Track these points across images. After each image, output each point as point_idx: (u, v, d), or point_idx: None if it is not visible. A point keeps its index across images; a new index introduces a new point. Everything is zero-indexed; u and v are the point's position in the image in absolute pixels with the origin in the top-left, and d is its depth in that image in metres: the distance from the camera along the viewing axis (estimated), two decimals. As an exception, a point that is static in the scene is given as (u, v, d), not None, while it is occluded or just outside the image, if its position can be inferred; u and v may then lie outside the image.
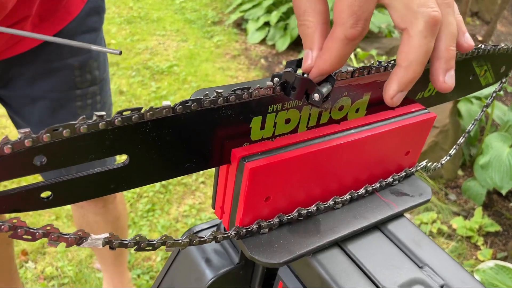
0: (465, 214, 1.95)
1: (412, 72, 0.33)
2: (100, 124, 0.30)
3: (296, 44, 3.06)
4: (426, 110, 0.49)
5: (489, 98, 0.59)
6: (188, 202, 1.78)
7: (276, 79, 0.38)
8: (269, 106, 0.38)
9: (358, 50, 2.96)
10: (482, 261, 1.70)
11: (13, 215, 0.30)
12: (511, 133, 1.97)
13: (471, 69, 0.52)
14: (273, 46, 3.11)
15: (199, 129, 0.35)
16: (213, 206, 0.44)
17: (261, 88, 0.36)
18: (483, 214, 1.91)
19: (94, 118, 0.30)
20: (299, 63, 0.40)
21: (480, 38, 3.10)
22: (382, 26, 3.09)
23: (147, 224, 1.66)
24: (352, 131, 0.44)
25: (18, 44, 0.73)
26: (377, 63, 0.43)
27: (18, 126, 0.87)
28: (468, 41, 0.38)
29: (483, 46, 0.50)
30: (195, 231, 0.59)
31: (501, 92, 2.37)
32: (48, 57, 0.78)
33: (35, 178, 1.56)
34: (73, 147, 0.30)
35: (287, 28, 3.09)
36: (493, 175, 1.80)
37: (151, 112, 0.31)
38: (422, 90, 0.49)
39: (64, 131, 0.29)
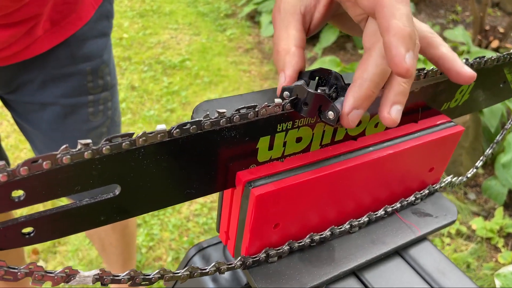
0: (485, 214, 1.88)
1: (365, 89, 0.31)
2: (86, 153, 0.26)
3: (311, 37, 2.99)
4: (452, 123, 0.44)
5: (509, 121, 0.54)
6: (199, 200, 1.75)
7: (286, 93, 0.34)
8: (278, 125, 0.34)
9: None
10: (503, 264, 1.64)
11: (-10, 254, 0.27)
12: (535, 130, 1.89)
13: (502, 75, 0.48)
14: (287, 39, 3.05)
15: (199, 153, 0.31)
16: (218, 230, 0.41)
17: (269, 106, 0.32)
18: (504, 214, 1.84)
19: (79, 146, 0.26)
20: (312, 75, 0.36)
21: (501, 30, 2.99)
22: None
23: (158, 223, 1.64)
24: (371, 148, 0.40)
25: (29, 47, 0.70)
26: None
27: (25, 132, 0.84)
28: (468, 70, 0.36)
29: (516, 51, 0.46)
30: (202, 247, 0.55)
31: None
32: (59, 62, 0.75)
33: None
34: (55, 179, 0.26)
35: (301, 21, 3.02)
36: (515, 174, 1.73)
37: (143, 138, 0.28)
38: (448, 101, 0.45)
39: (44, 163, 0.25)
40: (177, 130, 0.29)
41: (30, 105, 0.77)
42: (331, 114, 0.32)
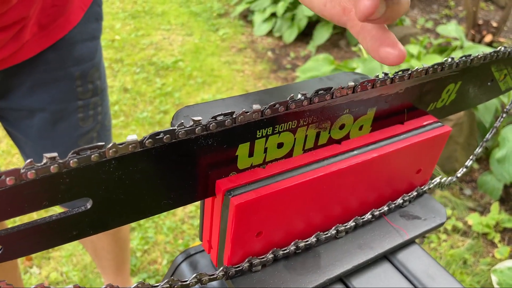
0: (481, 210, 1.88)
1: None
2: (52, 167, 0.25)
3: (304, 35, 2.98)
4: (439, 124, 0.43)
5: (509, 103, 0.53)
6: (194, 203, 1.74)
7: None
8: (258, 131, 0.33)
9: (368, 40, 2.87)
10: (499, 259, 1.64)
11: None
12: (529, 124, 1.89)
13: (489, 74, 0.47)
14: (280, 38, 3.04)
15: (175, 162, 0.30)
16: (201, 239, 0.40)
17: (247, 112, 0.31)
18: (500, 209, 1.84)
19: (45, 161, 0.25)
20: None
21: (494, 24, 2.99)
22: (392, 14, 3.00)
23: (152, 226, 1.63)
24: (355, 152, 0.39)
25: (17, 52, 0.69)
26: (383, 74, 0.37)
27: (15, 140, 0.83)
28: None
29: (502, 48, 0.45)
30: (190, 253, 0.54)
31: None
32: (48, 67, 0.74)
33: None
34: (20, 195, 0.25)
35: (294, 19, 3.01)
36: (510, 169, 1.73)
37: (114, 150, 0.27)
38: (434, 101, 0.44)
39: (8, 179, 0.24)
40: (150, 140, 0.28)
41: (18, 112, 0.76)
42: None
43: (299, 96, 0.33)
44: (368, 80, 0.36)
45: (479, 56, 0.43)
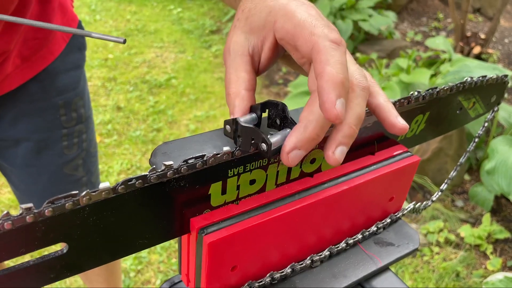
0: (473, 221, 1.89)
1: (310, 132, 0.32)
2: (28, 217, 0.27)
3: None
4: (408, 153, 0.45)
5: (480, 129, 0.55)
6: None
7: (227, 126, 0.36)
8: (229, 171, 0.35)
9: (358, 54, 2.92)
10: (492, 271, 1.65)
11: None
12: (517, 135, 1.92)
13: (457, 103, 0.49)
14: (272, 53, 3.07)
15: (148, 205, 0.32)
16: (180, 272, 0.41)
17: (217, 155, 0.33)
18: (492, 220, 1.86)
19: (20, 211, 0.26)
20: (263, 107, 0.37)
21: (483, 36, 3.04)
22: (381, 28, 3.05)
23: (146, 245, 1.63)
24: (327, 185, 0.40)
25: (0, 85, 0.70)
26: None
27: (1, 168, 0.84)
28: (401, 122, 0.36)
29: (468, 79, 0.47)
30: (174, 282, 0.55)
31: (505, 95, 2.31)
32: (31, 97, 0.75)
33: None
34: (-2, 244, 0.27)
35: (285, 35, 3.05)
36: (500, 180, 1.75)
37: (87, 197, 0.28)
38: (404, 131, 0.46)
39: (-15, 230, 0.26)
40: (122, 186, 0.29)
41: (3, 142, 0.77)
42: (263, 146, 0.33)
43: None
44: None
45: (445, 88, 0.45)
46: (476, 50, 2.93)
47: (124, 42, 0.38)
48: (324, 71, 0.30)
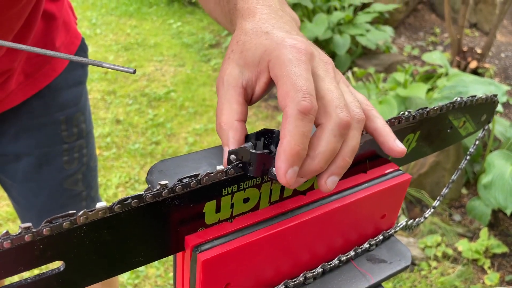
0: (471, 235, 1.90)
1: (317, 163, 0.33)
2: (26, 236, 0.27)
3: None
4: (400, 171, 0.46)
5: (471, 147, 0.56)
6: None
7: (232, 156, 0.36)
8: (223, 189, 0.36)
9: (356, 69, 2.94)
10: (489, 286, 1.65)
11: None
12: (514, 149, 1.93)
13: (447, 122, 0.50)
14: (271, 67, 3.10)
15: (144, 223, 0.33)
16: (175, 289, 0.42)
17: (211, 173, 0.34)
18: (489, 235, 1.86)
19: (19, 231, 0.27)
20: (258, 136, 0.38)
21: (479, 51, 3.07)
22: (379, 42, 3.08)
23: (144, 259, 1.63)
24: (320, 202, 0.41)
25: (2, 102, 0.71)
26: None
27: (1, 183, 0.85)
28: (399, 145, 0.38)
29: (458, 99, 0.48)
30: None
31: (501, 109, 2.33)
32: (33, 113, 0.76)
33: None
34: (-3, 263, 0.27)
35: (283, 49, 3.08)
36: (497, 195, 1.76)
37: (84, 217, 0.29)
38: (395, 150, 0.47)
39: (-16, 249, 0.27)
40: (118, 205, 0.30)
41: (4, 157, 0.78)
42: (275, 170, 0.34)
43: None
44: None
45: (435, 108, 0.46)
46: (473, 64, 2.96)
47: (134, 72, 0.39)
48: (284, 138, 0.32)
